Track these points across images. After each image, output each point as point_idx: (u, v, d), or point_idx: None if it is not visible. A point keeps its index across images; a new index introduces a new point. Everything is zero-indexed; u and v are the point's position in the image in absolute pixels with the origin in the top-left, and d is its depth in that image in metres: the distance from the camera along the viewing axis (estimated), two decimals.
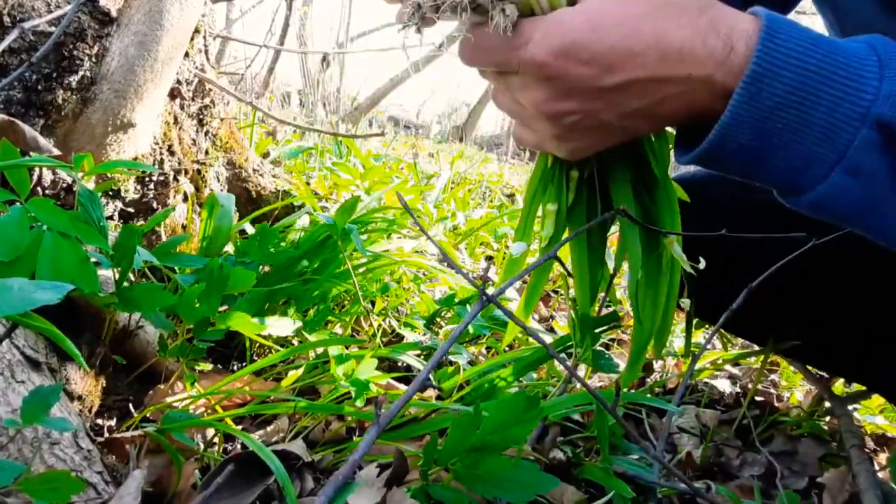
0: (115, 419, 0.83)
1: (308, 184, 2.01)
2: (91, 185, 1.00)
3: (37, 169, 0.91)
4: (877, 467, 1.17)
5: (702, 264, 0.61)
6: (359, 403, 0.76)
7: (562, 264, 0.53)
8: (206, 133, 1.28)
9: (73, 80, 0.90)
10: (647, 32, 0.43)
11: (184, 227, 1.18)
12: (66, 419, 0.49)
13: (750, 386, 1.40)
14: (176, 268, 0.88)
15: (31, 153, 0.83)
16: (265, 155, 1.89)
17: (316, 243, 1.06)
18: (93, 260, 0.69)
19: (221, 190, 1.36)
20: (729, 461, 0.95)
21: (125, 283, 0.75)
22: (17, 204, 0.69)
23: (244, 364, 1.04)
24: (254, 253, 1.00)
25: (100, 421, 0.80)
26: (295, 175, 2.05)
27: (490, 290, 0.58)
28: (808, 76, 0.42)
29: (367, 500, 0.58)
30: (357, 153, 1.85)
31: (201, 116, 1.24)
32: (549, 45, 0.43)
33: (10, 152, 0.66)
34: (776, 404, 1.26)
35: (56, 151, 0.84)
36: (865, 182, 0.43)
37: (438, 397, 0.94)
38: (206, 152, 1.29)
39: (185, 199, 1.18)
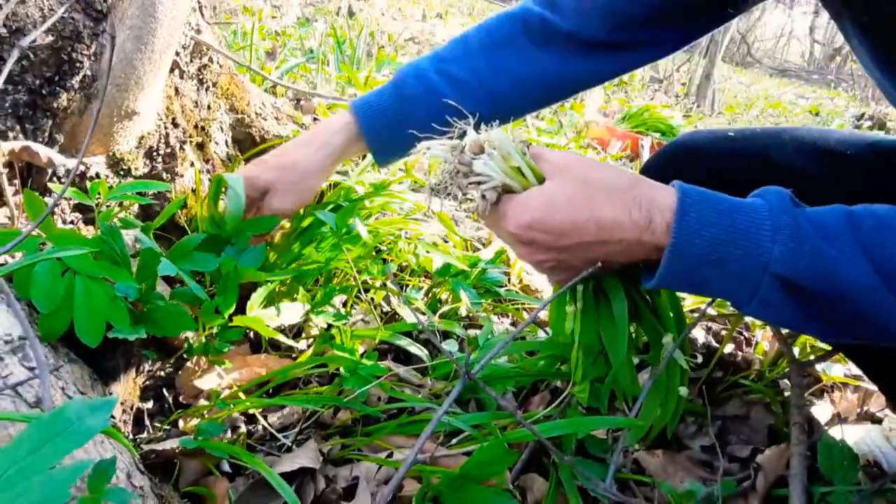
0: (151, 401, 0.95)
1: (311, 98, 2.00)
2: (103, 166, 1.04)
3: (52, 164, 0.95)
4: (830, 406, 1.30)
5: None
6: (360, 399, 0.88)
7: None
8: (207, 89, 1.28)
9: (75, 81, 0.91)
10: (587, 210, 0.58)
11: (193, 190, 1.23)
12: (124, 489, 0.59)
13: (724, 332, 1.51)
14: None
15: (48, 169, 0.87)
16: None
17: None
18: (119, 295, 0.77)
19: (226, 139, 1.38)
20: (686, 428, 1.08)
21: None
22: (48, 246, 0.75)
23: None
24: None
25: (140, 405, 0.93)
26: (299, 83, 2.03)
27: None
28: (718, 243, 0.55)
29: None
30: (357, 84, 1.81)
31: (201, 76, 1.23)
32: (518, 220, 0.60)
33: (37, 204, 0.72)
34: (743, 351, 1.38)
35: (70, 164, 0.89)
36: (777, 308, 0.58)
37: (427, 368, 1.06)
38: (209, 107, 1.30)
39: (192, 164, 1.22)
